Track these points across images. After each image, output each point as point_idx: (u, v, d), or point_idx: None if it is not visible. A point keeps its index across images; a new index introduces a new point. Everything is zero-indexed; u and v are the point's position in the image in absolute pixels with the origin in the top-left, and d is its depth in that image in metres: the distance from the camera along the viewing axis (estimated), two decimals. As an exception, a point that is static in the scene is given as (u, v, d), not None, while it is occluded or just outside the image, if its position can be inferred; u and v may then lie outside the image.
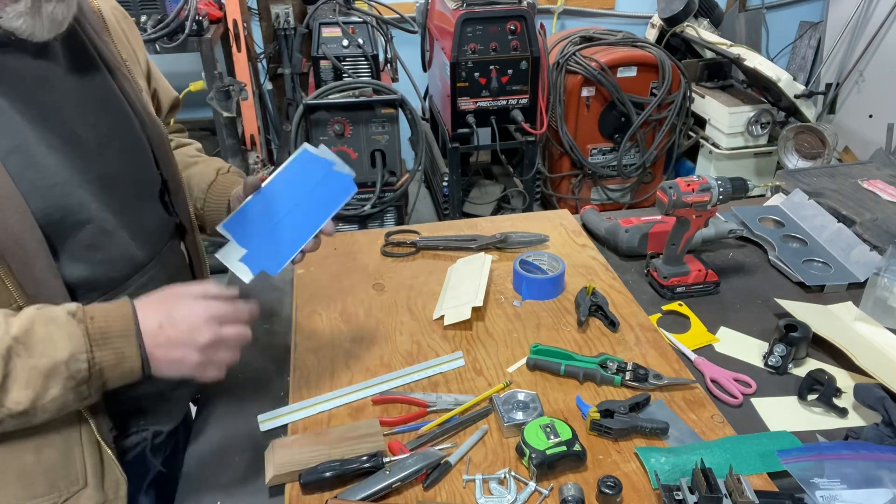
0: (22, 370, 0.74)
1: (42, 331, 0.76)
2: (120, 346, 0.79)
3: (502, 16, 2.70)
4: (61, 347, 0.76)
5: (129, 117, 0.97)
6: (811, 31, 3.96)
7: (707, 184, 1.25)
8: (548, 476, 0.93)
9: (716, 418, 1.03)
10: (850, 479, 0.88)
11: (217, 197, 1.14)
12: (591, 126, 3.12)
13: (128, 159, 0.95)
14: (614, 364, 1.10)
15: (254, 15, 3.44)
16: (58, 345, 0.76)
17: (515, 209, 3.16)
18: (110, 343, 0.78)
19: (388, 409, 1.06)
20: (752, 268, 1.44)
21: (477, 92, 2.77)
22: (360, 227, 2.86)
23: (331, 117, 2.66)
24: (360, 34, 2.80)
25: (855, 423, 1.05)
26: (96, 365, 0.78)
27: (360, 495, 0.89)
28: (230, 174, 1.19)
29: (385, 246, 1.50)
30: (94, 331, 0.78)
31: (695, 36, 3.33)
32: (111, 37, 0.99)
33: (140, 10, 2.62)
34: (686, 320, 1.28)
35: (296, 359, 1.17)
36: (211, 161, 1.23)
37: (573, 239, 1.53)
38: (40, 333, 0.75)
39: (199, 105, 3.07)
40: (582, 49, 3.08)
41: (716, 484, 0.85)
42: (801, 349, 1.16)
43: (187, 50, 2.71)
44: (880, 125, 3.27)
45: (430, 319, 1.26)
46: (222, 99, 2.62)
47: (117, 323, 0.79)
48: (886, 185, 1.63)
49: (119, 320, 0.80)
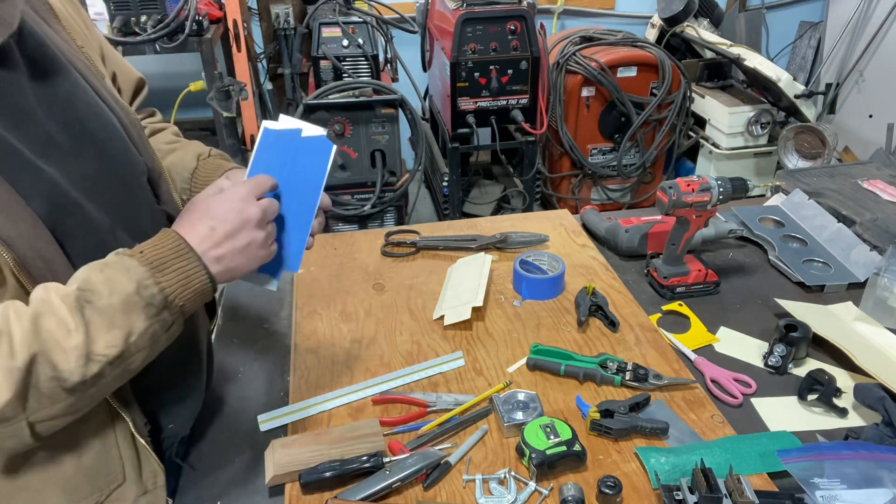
0: (99, 314, 0.74)
1: (100, 276, 0.75)
2: (180, 266, 0.79)
3: (502, 16, 2.70)
4: (125, 281, 0.75)
5: (99, 108, 0.91)
6: (811, 31, 3.96)
7: (707, 184, 1.25)
8: (548, 476, 0.93)
9: (716, 418, 1.03)
10: (850, 479, 0.88)
11: (202, 185, 1.07)
12: (591, 126, 3.12)
13: (108, 153, 0.90)
14: (614, 364, 1.10)
15: (254, 15, 3.44)
16: (121, 280, 0.75)
17: (515, 209, 3.16)
18: (169, 266, 0.78)
19: (388, 409, 1.06)
20: (752, 268, 1.44)
21: (477, 92, 2.76)
22: (360, 227, 2.86)
23: (331, 117, 2.66)
24: (360, 34, 2.80)
25: (855, 423, 1.05)
26: (166, 289, 0.78)
27: (360, 495, 0.89)
28: (212, 158, 1.12)
29: (385, 246, 1.50)
30: (149, 260, 0.78)
31: (695, 36, 3.33)
32: (62, 24, 0.94)
33: (140, 10, 2.61)
34: (686, 320, 1.28)
35: (296, 359, 1.17)
36: (189, 146, 1.15)
37: (573, 239, 1.53)
38: (99, 279, 0.75)
39: (199, 105, 3.07)
40: (582, 49, 3.08)
41: (716, 484, 0.85)
42: (801, 349, 1.16)
43: (187, 50, 2.71)
44: (880, 125, 3.27)
45: (430, 319, 1.26)
46: (222, 99, 2.62)
47: (167, 247, 0.79)
48: (886, 185, 1.63)
49: (168, 244, 0.80)
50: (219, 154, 1.14)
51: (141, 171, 0.96)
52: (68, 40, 0.93)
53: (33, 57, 0.83)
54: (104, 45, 1.05)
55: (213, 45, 2.77)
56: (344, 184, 2.80)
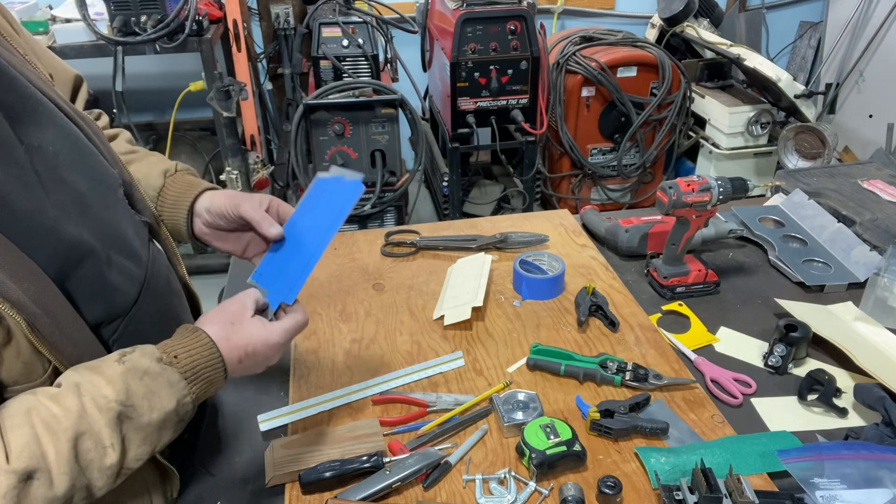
0: (136, 432, 0.73)
1: (141, 388, 0.74)
2: (209, 377, 0.80)
3: (502, 16, 2.70)
4: (166, 397, 0.75)
5: (63, 123, 0.84)
6: (811, 31, 3.96)
7: (707, 184, 1.25)
8: (548, 476, 0.93)
9: (716, 418, 1.03)
10: (850, 479, 0.88)
11: (172, 206, 1.01)
12: (591, 126, 3.12)
13: (84, 172, 0.84)
14: (614, 364, 1.10)
15: (254, 15, 3.44)
16: (163, 396, 0.75)
17: (515, 209, 3.16)
18: (201, 376, 0.79)
19: (388, 409, 1.06)
20: (752, 268, 1.44)
21: (477, 92, 2.76)
22: (360, 227, 2.85)
23: (331, 117, 2.66)
24: (360, 34, 2.80)
25: (855, 423, 1.05)
26: (197, 400, 0.79)
27: (360, 495, 0.89)
28: (179, 174, 1.05)
29: (385, 246, 1.51)
30: (185, 370, 0.77)
31: (695, 36, 3.33)
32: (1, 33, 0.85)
33: (140, 10, 2.61)
34: (686, 320, 1.28)
35: (296, 359, 1.17)
36: (149, 158, 1.07)
37: (573, 239, 1.53)
38: (140, 391, 0.74)
39: (199, 105, 3.07)
40: (582, 49, 3.08)
41: (716, 484, 0.85)
42: (801, 349, 1.16)
43: (187, 50, 2.71)
44: (880, 125, 3.27)
45: (430, 319, 1.26)
46: (222, 99, 2.62)
47: (202, 357, 0.79)
48: (886, 185, 1.63)
49: (202, 353, 0.80)
50: (185, 169, 1.07)
51: (117, 184, 0.90)
52: (11, 49, 0.85)
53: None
54: (34, 44, 0.96)
55: (213, 45, 2.77)
56: (344, 184, 2.79)
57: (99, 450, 0.70)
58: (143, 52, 2.67)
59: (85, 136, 0.87)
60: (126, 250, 0.87)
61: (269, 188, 3.12)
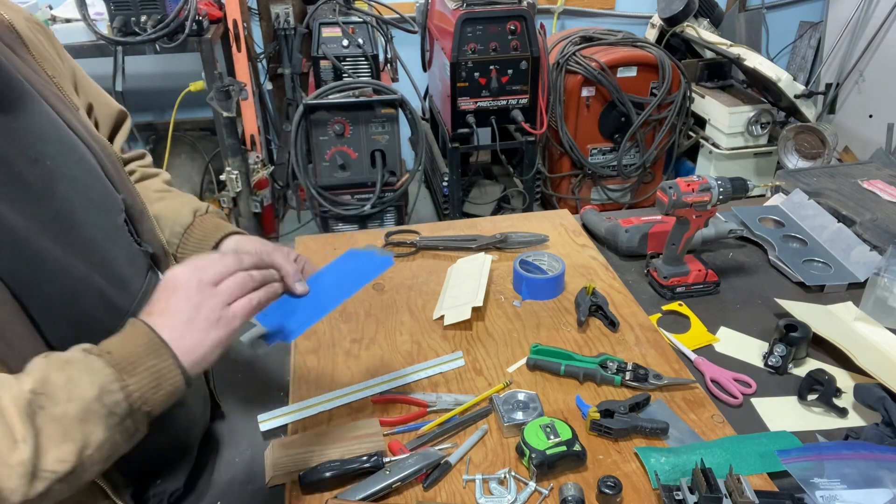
0: (52, 423, 0.64)
1: (60, 376, 0.66)
2: (153, 365, 0.70)
3: (502, 16, 2.70)
4: (87, 385, 0.67)
5: (72, 142, 0.85)
6: (811, 31, 3.96)
7: (707, 184, 1.25)
8: (548, 476, 0.93)
9: (716, 418, 1.03)
10: (850, 479, 0.88)
11: (196, 243, 1.01)
12: (591, 126, 3.12)
13: (82, 191, 0.83)
14: (614, 364, 1.10)
15: (254, 15, 3.44)
16: (82, 384, 0.66)
17: (515, 209, 3.16)
18: (140, 365, 0.70)
19: (388, 409, 1.06)
20: (752, 268, 1.44)
21: (477, 92, 2.76)
22: (360, 227, 2.85)
23: (331, 117, 2.66)
24: (360, 34, 2.80)
25: (855, 423, 1.05)
26: (133, 394, 0.69)
27: (360, 495, 0.89)
28: (209, 216, 1.05)
29: (385, 246, 1.50)
30: (118, 361, 0.69)
31: (695, 36, 3.33)
32: (31, 53, 0.88)
33: (140, 10, 2.61)
34: (686, 320, 1.28)
35: (296, 359, 1.17)
36: (182, 198, 1.08)
37: (573, 239, 1.53)
38: (59, 380, 0.66)
39: (199, 105, 3.07)
40: (582, 49, 3.08)
41: (716, 484, 0.85)
42: (801, 349, 1.16)
43: (187, 50, 2.71)
44: (880, 125, 3.27)
45: (430, 319, 1.26)
46: (222, 99, 2.62)
47: (139, 343, 0.71)
48: (886, 185, 1.63)
49: (140, 340, 0.71)
50: (216, 213, 1.07)
51: (118, 209, 0.89)
52: (39, 71, 0.87)
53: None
54: (78, 73, 0.99)
55: (213, 45, 2.77)
56: (344, 184, 2.80)
57: (7, 442, 0.62)
58: (143, 52, 2.67)
59: (96, 159, 0.87)
60: (111, 276, 0.84)
61: (268, 188, 3.12)
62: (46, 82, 0.87)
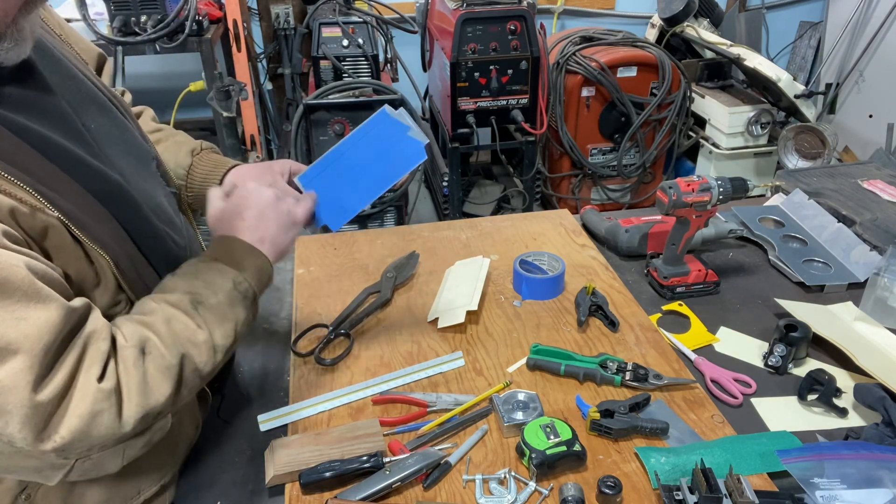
0: (211, 312, 0.84)
1: (198, 282, 0.85)
2: (255, 262, 0.91)
3: (502, 16, 2.70)
4: (221, 282, 0.86)
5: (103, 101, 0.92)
6: (811, 31, 3.96)
7: (707, 184, 1.25)
8: (548, 476, 0.93)
9: (716, 418, 1.03)
10: (850, 479, 0.88)
11: (201, 182, 1.10)
12: (591, 126, 3.12)
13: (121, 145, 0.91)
14: (614, 364, 1.10)
15: (254, 15, 3.44)
16: (218, 281, 0.86)
17: (515, 209, 3.16)
18: (248, 263, 0.90)
19: (388, 409, 1.06)
20: (752, 268, 1.44)
21: (477, 92, 2.77)
22: (360, 227, 2.85)
23: (331, 117, 2.66)
24: (360, 34, 2.80)
25: (855, 423, 1.05)
26: (252, 280, 0.89)
27: (360, 495, 0.89)
28: (205, 153, 1.13)
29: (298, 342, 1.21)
30: (229, 263, 0.88)
31: (695, 36, 3.33)
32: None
33: (140, 10, 2.62)
34: (686, 320, 1.28)
35: (296, 359, 1.17)
36: (176, 137, 1.16)
37: (573, 239, 1.53)
38: (199, 284, 0.85)
39: (199, 105, 3.07)
40: (582, 49, 3.08)
41: (716, 484, 0.85)
42: (801, 349, 1.16)
43: (187, 50, 2.71)
44: (880, 125, 3.27)
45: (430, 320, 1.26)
46: (222, 99, 2.63)
47: (239, 250, 0.91)
48: (886, 185, 1.63)
49: (238, 246, 0.91)
50: (210, 147, 1.16)
51: (150, 158, 1.00)
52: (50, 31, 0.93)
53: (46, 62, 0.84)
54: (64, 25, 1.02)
55: (213, 45, 2.77)
56: (344, 184, 2.79)
57: (190, 329, 0.81)
58: (143, 52, 2.67)
59: (120, 113, 0.95)
60: (166, 218, 0.95)
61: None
62: (61, 44, 0.92)
